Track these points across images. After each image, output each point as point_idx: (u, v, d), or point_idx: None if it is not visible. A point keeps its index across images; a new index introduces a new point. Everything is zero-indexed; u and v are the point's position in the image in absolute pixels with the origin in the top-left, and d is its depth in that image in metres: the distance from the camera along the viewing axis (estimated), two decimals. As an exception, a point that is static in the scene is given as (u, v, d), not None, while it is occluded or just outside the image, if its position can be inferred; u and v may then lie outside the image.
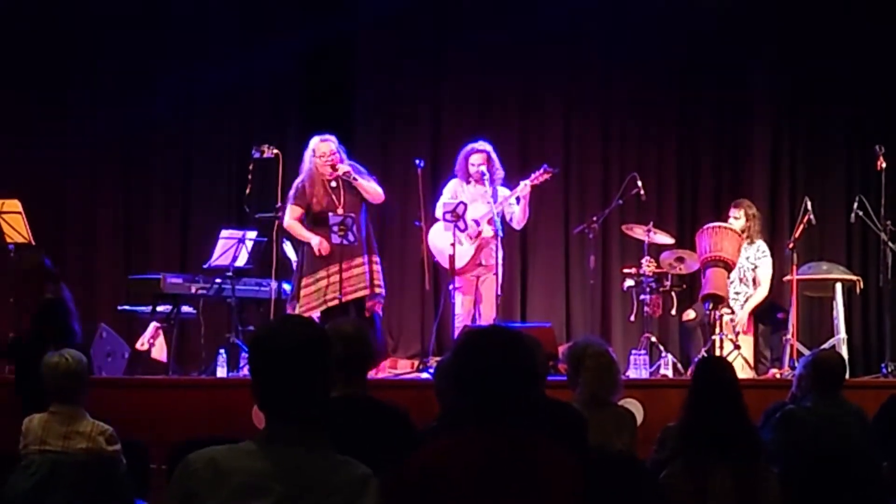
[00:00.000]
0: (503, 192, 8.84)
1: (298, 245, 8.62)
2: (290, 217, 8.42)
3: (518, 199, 8.78)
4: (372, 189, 8.42)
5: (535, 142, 10.86)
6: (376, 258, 8.50)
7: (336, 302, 8.24)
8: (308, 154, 8.40)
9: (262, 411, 2.64)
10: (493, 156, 8.87)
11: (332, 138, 8.41)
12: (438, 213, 8.80)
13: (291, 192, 8.43)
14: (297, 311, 8.15)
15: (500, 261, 8.77)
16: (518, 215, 8.87)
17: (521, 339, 2.95)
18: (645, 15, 10.68)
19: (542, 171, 8.76)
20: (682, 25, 10.76)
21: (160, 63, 10.48)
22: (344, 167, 8.30)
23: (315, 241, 8.32)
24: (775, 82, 10.93)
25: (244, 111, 10.78)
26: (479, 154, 8.81)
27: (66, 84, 10.49)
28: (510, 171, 9.15)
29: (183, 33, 10.53)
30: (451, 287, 8.79)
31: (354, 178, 8.30)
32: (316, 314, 8.23)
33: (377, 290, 8.43)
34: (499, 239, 8.73)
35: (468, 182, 8.86)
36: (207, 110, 10.68)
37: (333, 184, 8.36)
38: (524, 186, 8.72)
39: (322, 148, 8.34)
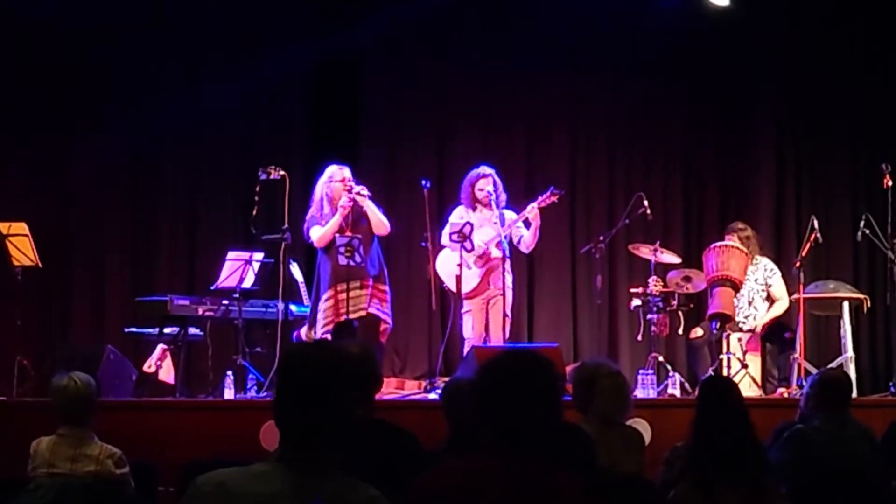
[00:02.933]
0: (509, 215, 8.86)
1: (316, 268, 8.67)
2: (316, 233, 8.52)
3: (527, 222, 8.81)
4: (379, 219, 8.51)
5: (540, 161, 10.88)
6: (383, 286, 8.57)
7: (343, 318, 8.34)
8: (323, 180, 8.60)
9: (280, 431, 2.64)
10: (497, 179, 8.92)
11: (347, 167, 8.65)
12: (444, 239, 8.83)
13: (309, 216, 8.59)
14: (316, 333, 8.31)
15: (509, 284, 8.79)
16: (528, 239, 8.89)
17: (546, 363, 2.93)
18: (650, 37, 10.68)
19: (549, 193, 8.78)
20: (687, 46, 10.79)
21: (166, 84, 10.49)
22: (362, 188, 8.46)
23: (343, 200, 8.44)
24: (780, 101, 10.94)
25: (250, 132, 10.81)
26: (485, 179, 8.88)
27: (71, 107, 10.51)
28: (516, 189, 9.16)
29: (188, 55, 10.56)
30: (460, 311, 8.83)
31: (370, 196, 8.47)
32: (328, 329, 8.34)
33: (374, 313, 8.49)
34: (507, 262, 8.75)
35: (474, 209, 8.91)
36: (214, 132, 10.69)
37: (345, 211, 8.48)
38: (532, 209, 8.74)
39: (340, 174, 8.55)
